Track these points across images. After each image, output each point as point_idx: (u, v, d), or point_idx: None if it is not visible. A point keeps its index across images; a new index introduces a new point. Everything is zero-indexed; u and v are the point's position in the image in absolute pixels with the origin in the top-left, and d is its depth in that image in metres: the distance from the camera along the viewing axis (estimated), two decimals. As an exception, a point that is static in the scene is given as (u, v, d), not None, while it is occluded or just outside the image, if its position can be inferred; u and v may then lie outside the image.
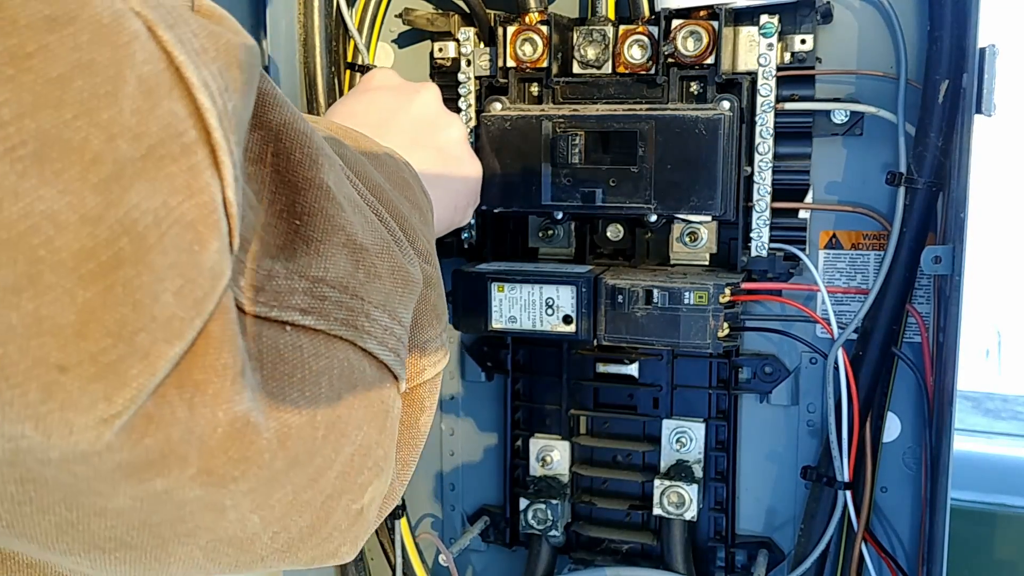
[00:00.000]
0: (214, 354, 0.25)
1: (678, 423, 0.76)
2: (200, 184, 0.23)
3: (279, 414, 0.28)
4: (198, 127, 0.23)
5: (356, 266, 0.32)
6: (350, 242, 0.32)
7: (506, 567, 0.87)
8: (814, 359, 0.75)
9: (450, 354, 0.84)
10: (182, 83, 0.23)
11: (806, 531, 0.73)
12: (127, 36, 0.22)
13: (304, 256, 0.30)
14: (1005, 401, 1.91)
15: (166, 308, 0.23)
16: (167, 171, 0.22)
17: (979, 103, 0.61)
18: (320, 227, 0.31)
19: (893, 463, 0.74)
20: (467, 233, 0.75)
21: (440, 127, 0.60)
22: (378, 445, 0.34)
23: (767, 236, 0.69)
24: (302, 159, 0.31)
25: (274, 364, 0.28)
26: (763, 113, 0.67)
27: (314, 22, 0.75)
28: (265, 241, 0.29)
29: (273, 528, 0.30)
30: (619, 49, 0.70)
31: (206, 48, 0.24)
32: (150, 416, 0.23)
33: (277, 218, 0.30)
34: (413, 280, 0.36)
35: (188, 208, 0.23)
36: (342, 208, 0.32)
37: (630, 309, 0.66)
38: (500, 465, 0.84)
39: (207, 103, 0.24)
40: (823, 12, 0.68)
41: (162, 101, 0.22)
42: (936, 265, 0.66)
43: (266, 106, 0.32)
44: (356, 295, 0.32)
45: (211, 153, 0.24)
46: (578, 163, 0.67)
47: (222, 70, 0.25)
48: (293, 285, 0.29)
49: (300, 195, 0.31)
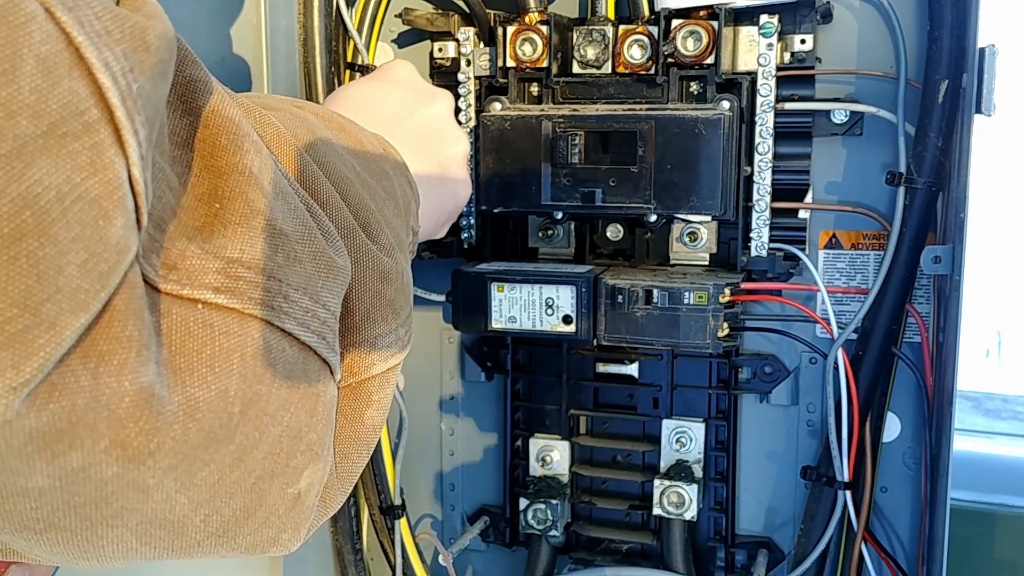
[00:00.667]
0: (119, 326, 0.25)
1: (678, 423, 0.76)
2: (104, 161, 0.24)
3: (184, 388, 0.28)
4: (100, 106, 0.24)
5: (275, 250, 0.32)
6: (269, 226, 0.32)
7: (506, 567, 0.87)
8: (814, 359, 0.75)
9: (454, 354, 0.84)
10: (82, 63, 0.24)
11: (806, 531, 0.73)
12: (23, 17, 0.22)
13: (221, 237, 0.31)
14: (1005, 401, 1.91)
15: (71, 280, 0.23)
16: (69, 148, 0.23)
17: (979, 103, 0.61)
18: (239, 211, 0.31)
19: (893, 463, 0.74)
20: (467, 233, 0.75)
21: (448, 141, 0.60)
22: (310, 429, 0.34)
23: (767, 236, 0.69)
24: (227, 144, 0.32)
25: (182, 340, 0.29)
26: (763, 113, 0.67)
27: (314, 22, 0.75)
28: (183, 222, 0.30)
29: (204, 510, 0.30)
30: (619, 49, 0.70)
31: (109, 30, 0.25)
32: (53, 384, 0.24)
33: (198, 201, 0.31)
34: (337, 268, 0.36)
35: (92, 184, 0.24)
36: (264, 193, 0.33)
37: (630, 309, 0.66)
38: (500, 465, 0.84)
39: (108, 83, 0.24)
40: (823, 12, 0.68)
41: (62, 80, 0.23)
42: (936, 265, 0.66)
43: (196, 93, 0.32)
44: (274, 276, 0.32)
45: (115, 131, 0.24)
46: (578, 163, 0.67)
47: (127, 52, 0.25)
48: (207, 264, 0.30)
49: (222, 179, 0.32)
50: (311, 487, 0.36)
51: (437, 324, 0.85)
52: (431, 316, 0.85)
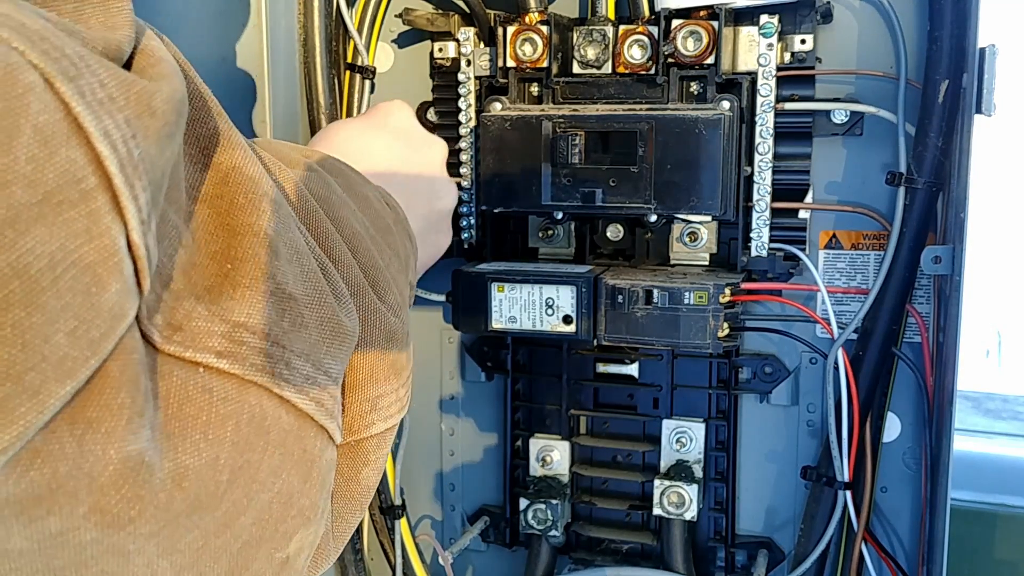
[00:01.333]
0: (111, 393, 0.25)
1: (678, 423, 0.76)
2: (100, 228, 0.24)
3: (176, 455, 0.28)
4: (98, 174, 0.24)
5: (281, 315, 0.32)
6: (279, 290, 0.32)
7: (506, 567, 0.87)
8: (814, 359, 0.75)
9: (454, 354, 0.84)
10: (80, 132, 0.24)
11: (806, 531, 0.73)
12: (21, 88, 0.22)
13: (229, 300, 0.30)
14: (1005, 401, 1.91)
15: (58, 348, 0.23)
16: (65, 216, 0.23)
17: (979, 103, 0.61)
18: (249, 273, 0.31)
19: (893, 463, 0.74)
20: (467, 233, 0.75)
21: (439, 194, 0.62)
22: (302, 494, 0.34)
23: (767, 236, 0.69)
24: (244, 204, 0.32)
25: (180, 404, 0.28)
26: (763, 113, 0.67)
27: (314, 22, 0.75)
28: (193, 280, 0.30)
29: (187, 574, 0.30)
30: (619, 49, 0.70)
31: (113, 97, 0.25)
32: (37, 450, 0.24)
33: (210, 259, 0.31)
34: (345, 332, 0.36)
35: (87, 251, 0.24)
36: (277, 256, 0.33)
37: (630, 309, 0.66)
38: (500, 465, 0.84)
39: (106, 151, 0.24)
40: (823, 12, 0.68)
41: (59, 149, 0.23)
42: (936, 265, 0.66)
43: (219, 147, 0.32)
44: (277, 343, 0.32)
45: (112, 198, 0.24)
46: (578, 163, 0.67)
47: (129, 119, 0.25)
48: (212, 327, 0.30)
49: (236, 239, 0.31)
50: (301, 551, 0.36)
51: (437, 324, 0.85)
52: (431, 316, 0.85)
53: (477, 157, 0.72)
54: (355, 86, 0.76)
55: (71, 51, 0.24)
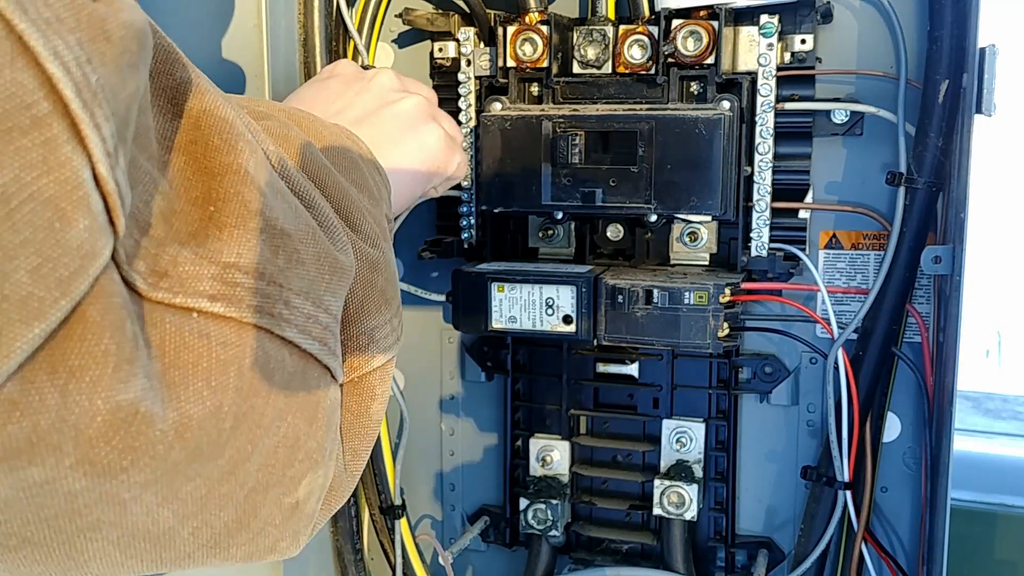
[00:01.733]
0: (93, 339, 0.24)
1: (678, 423, 0.76)
2: (59, 158, 0.22)
3: (179, 404, 0.27)
4: (51, 98, 0.22)
5: (275, 252, 0.31)
6: (269, 227, 0.31)
7: (506, 567, 0.87)
8: (814, 359, 0.75)
9: (454, 354, 0.84)
10: (26, 52, 0.21)
11: (806, 531, 0.73)
12: None
13: (216, 241, 0.29)
14: (1005, 401, 1.91)
15: (19, 287, 0.22)
16: (17, 145, 0.21)
17: (979, 103, 0.61)
18: (235, 212, 0.30)
19: (893, 463, 0.74)
20: (467, 233, 0.75)
21: (393, 101, 0.59)
22: (308, 437, 0.33)
23: (767, 236, 0.69)
24: (220, 145, 0.31)
25: (176, 352, 0.27)
26: (763, 113, 0.67)
27: (314, 22, 0.75)
28: (175, 227, 0.28)
29: (192, 523, 0.29)
30: (619, 49, 0.69)
31: (62, 18, 0.23)
32: (15, 402, 0.22)
33: (191, 204, 0.29)
34: (342, 267, 0.35)
35: (45, 183, 0.22)
36: (262, 193, 0.31)
37: (630, 309, 0.66)
38: (500, 465, 0.84)
39: (59, 72, 0.22)
40: (823, 12, 0.68)
41: (2, 71, 0.21)
42: (936, 265, 0.66)
43: (186, 94, 0.31)
44: (274, 281, 0.31)
45: (71, 126, 0.23)
46: (578, 163, 0.67)
47: (82, 41, 0.23)
48: (201, 271, 0.28)
49: (216, 181, 0.30)
50: (311, 494, 0.35)
51: (437, 324, 0.85)
52: (431, 316, 0.85)
53: (477, 157, 0.72)
54: (355, 86, 0.76)
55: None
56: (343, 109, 0.57)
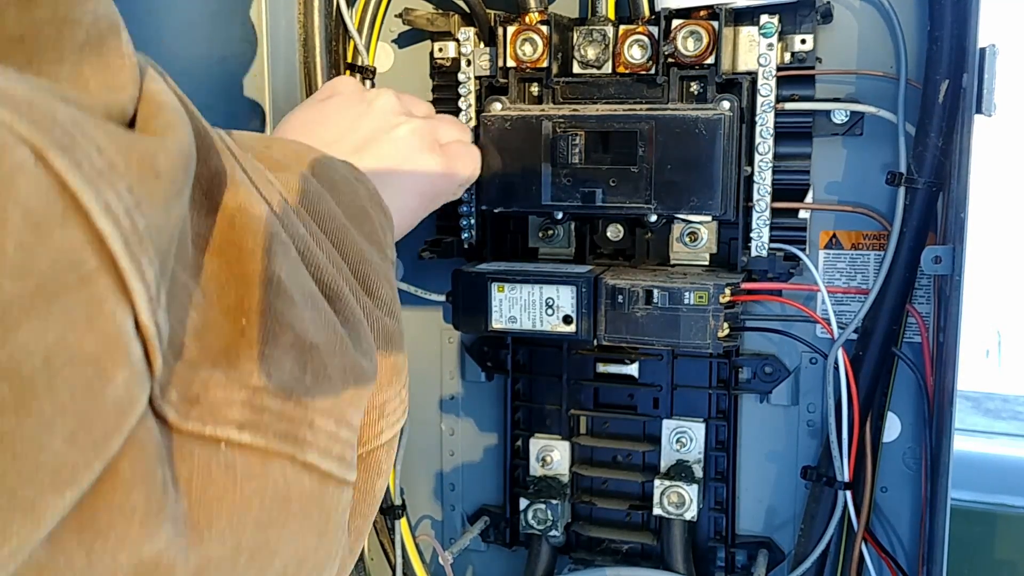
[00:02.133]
0: (122, 495, 0.23)
1: (678, 423, 0.76)
2: (103, 314, 0.22)
3: (202, 547, 0.26)
4: (100, 255, 0.22)
5: (303, 369, 0.31)
6: (299, 342, 0.30)
7: (506, 567, 0.87)
8: (814, 359, 0.75)
9: (454, 354, 0.84)
10: (78, 210, 0.21)
11: (806, 531, 0.73)
12: (9, 167, 0.20)
13: (247, 362, 0.28)
14: (1005, 401, 1.91)
15: (55, 456, 0.21)
16: (62, 305, 0.21)
17: (979, 103, 0.61)
18: (267, 327, 0.29)
19: (893, 463, 0.74)
20: (467, 233, 0.75)
21: (393, 127, 0.59)
22: (316, 550, 0.33)
23: (767, 236, 0.69)
24: (254, 248, 0.30)
25: (203, 488, 0.26)
26: (763, 113, 0.67)
27: (314, 22, 0.75)
28: (207, 343, 0.28)
29: None
30: (619, 49, 0.70)
31: (113, 164, 0.22)
32: (42, 567, 0.22)
33: (224, 315, 0.29)
34: (366, 377, 0.35)
35: (87, 341, 0.21)
36: (293, 303, 0.31)
37: (630, 309, 0.66)
38: (500, 465, 0.84)
39: (108, 228, 0.22)
40: (823, 12, 0.68)
41: (54, 232, 0.20)
42: (936, 265, 0.66)
43: (221, 187, 0.30)
44: (300, 402, 0.30)
45: (117, 279, 0.22)
46: (578, 163, 0.67)
47: (133, 186, 0.23)
48: (231, 395, 0.28)
49: (248, 290, 0.30)
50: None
51: (437, 324, 0.85)
52: (431, 316, 0.85)
53: (477, 157, 0.72)
54: (355, 86, 0.76)
55: (64, 116, 0.22)
56: (343, 135, 0.57)
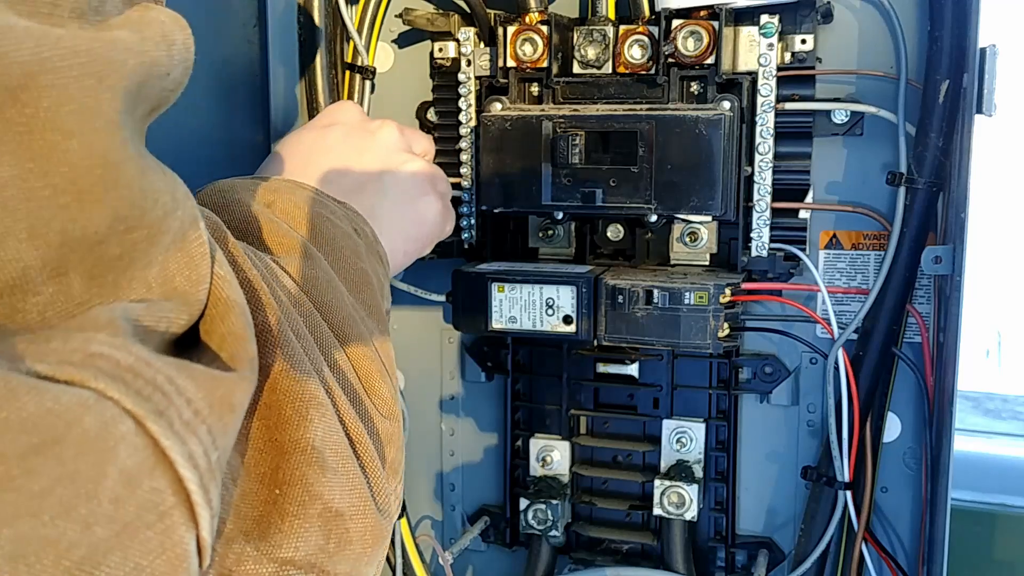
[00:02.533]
0: None
1: (678, 423, 0.76)
2: (173, 540, 0.24)
3: None
4: (178, 494, 0.25)
5: (327, 537, 0.33)
6: (326, 511, 0.33)
7: (506, 567, 0.87)
8: (814, 359, 0.75)
9: (454, 354, 0.84)
10: (165, 462, 0.24)
11: (806, 531, 0.73)
12: (113, 441, 0.23)
13: (277, 534, 0.31)
14: (1005, 401, 1.91)
15: None
16: (141, 537, 0.23)
17: (979, 103, 0.61)
18: (298, 499, 0.32)
19: (893, 463, 0.74)
20: (467, 233, 0.75)
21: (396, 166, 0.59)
22: None
23: (767, 236, 0.69)
24: (291, 416, 0.32)
25: None
26: (763, 113, 0.67)
27: (314, 22, 0.75)
28: (242, 513, 0.30)
29: None
30: (619, 49, 0.69)
31: (199, 411, 0.26)
32: None
33: (258, 483, 0.31)
34: (384, 534, 0.37)
35: (159, 564, 0.24)
36: (324, 469, 0.33)
37: (630, 309, 0.66)
38: (500, 465, 0.84)
39: (189, 475, 0.25)
40: (823, 12, 0.68)
41: (143, 483, 0.24)
42: (936, 265, 0.66)
43: (266, 347, 0.33)
44: (323, 570, 0.33)
45: (188, 511, 0.25)
46: (578, 163, 0.67)
47: (212, 427, 0.26)
48: (261, 570, 0.30)
49: (284, 458, 0.32)
50: None
51: (437, 324, 0.85)
52: (431, 316, 0.85)
53: (477, 157, 0.72)
54: (355, 86, 0.76)
55: (162, 378, 0.25)
56: (345, 170, 0.57)
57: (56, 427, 0.22)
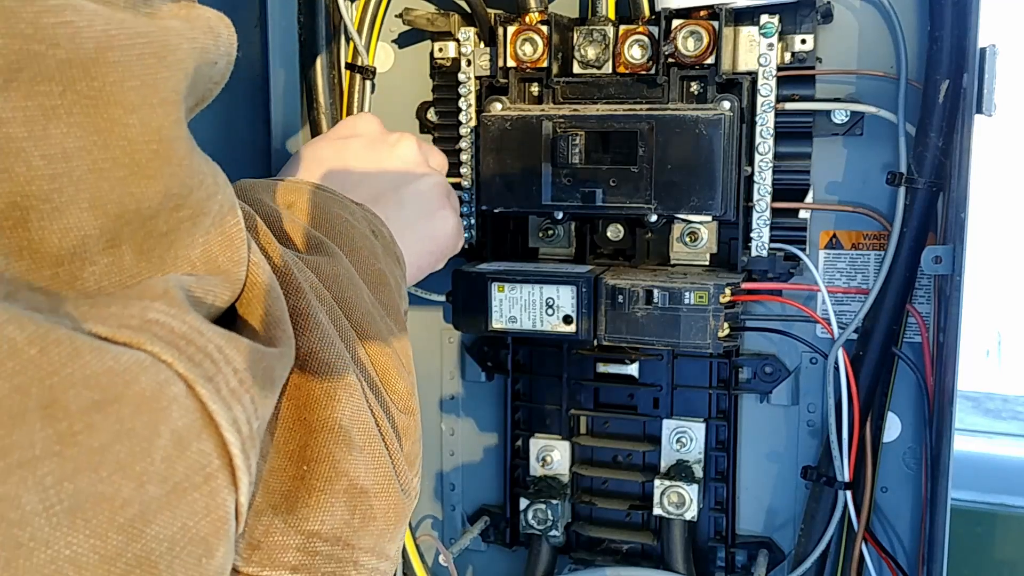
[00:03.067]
0: None
1: (678, 423, 0.76)
2: (217, 503, 0.26)
3: None
4: (223, 457, 0.26)
5: (352, 512, 0.34)
6: (352, 487, 0.34)
7: (506, 567, 0.87)
8: (814, 359, 0.75)
9: (454, 354, 0.84)
10: (212, 426, 0.26)
11: (806, 531, 0.73)
12: (166, 401, 0.24)
13: (304, 508, 0.32)
14: (1005, 401, 1.91)
15: None
16: (189, 498, 0.25)
17: (979, 103, 0.61)
18: (324, 475, 0.33)
19: (893, 463, 0.74)
20: (467, 233, 0.75)
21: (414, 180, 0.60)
22: None
23: (767, 236, 0.69)
24: (320, 396, 0.34)
25: None
26: (763, 113, 0.67)
27: (314, 22, 0.75)
28: (271, 487, 0.32)
29: None
30: (619, 49, 0.69)
31: (243, 380, 0.27)
32: None
33: (287, 460, 0.33)
34: (405, 512, 0.38)
35: (203, 525, 0.25)
36: (350, 448, 0.34)
37: (630, 309, 0.66)
38: (500, 465, 0.84)
39: (233, 439, 0.26)
40: (823, 12, 0.68)
41: (192, 444, 0.25)
42: (936, 265, 0.66)
43: (297, 329, 0.34)
44: (348, 544, 0.34)
45: (231, 474, 0.26)
46: (578, 163, 0.67)
47: (255, 397, 0.27)
48: (288, 541, 0.31)
49: (312, 436, 0.33)
50: None
51: (437, 324, 0.85)
52: (431, 316, 0.85)
53: (477, 157, 0.72)
54: (355, 86, 0.77)
55: (212, 346, 0.26)
56: (364, 181, 0.58)
57: (115, 385, 0.23)
